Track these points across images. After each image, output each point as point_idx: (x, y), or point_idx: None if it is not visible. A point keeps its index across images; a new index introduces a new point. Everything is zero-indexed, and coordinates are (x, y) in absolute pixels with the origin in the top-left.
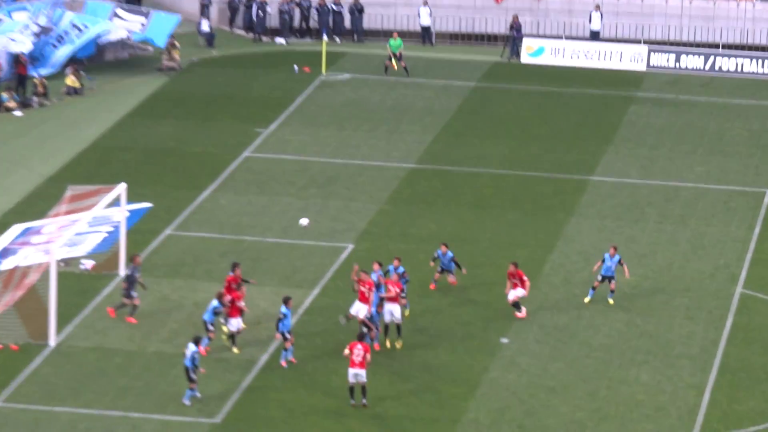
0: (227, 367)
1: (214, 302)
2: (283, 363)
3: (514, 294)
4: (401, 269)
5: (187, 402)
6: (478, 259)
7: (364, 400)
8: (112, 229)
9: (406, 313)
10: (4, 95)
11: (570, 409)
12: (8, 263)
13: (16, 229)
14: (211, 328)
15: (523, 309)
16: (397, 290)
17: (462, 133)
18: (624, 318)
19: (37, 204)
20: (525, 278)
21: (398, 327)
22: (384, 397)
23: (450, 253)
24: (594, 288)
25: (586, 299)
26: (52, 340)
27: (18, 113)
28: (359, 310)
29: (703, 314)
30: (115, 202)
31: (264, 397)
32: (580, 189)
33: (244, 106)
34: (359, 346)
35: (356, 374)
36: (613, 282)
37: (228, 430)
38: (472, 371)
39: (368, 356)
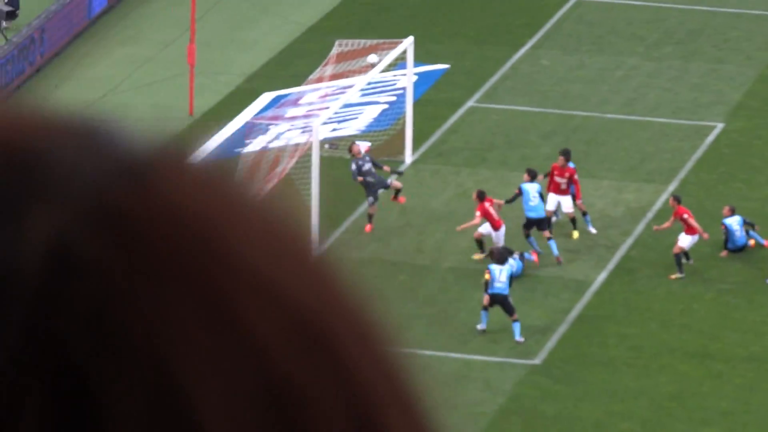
0: (549, 289)
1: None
2: None
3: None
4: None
5: (519, 338)
6: None
7: None
8: (394, 98)
9: None
10: None
11: None
12: (255, 144)
13: (266, 98)
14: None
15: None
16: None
17: None
18: None
19: (293, 64)
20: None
21: None
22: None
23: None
24: None
25: None
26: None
27: None
28: (685, 240)
29: None
30: (399, 63)
31: (600, 330)
32: None
33: None
34: None
35: None
36: None
37: (551, 373)
38: None
39: None
